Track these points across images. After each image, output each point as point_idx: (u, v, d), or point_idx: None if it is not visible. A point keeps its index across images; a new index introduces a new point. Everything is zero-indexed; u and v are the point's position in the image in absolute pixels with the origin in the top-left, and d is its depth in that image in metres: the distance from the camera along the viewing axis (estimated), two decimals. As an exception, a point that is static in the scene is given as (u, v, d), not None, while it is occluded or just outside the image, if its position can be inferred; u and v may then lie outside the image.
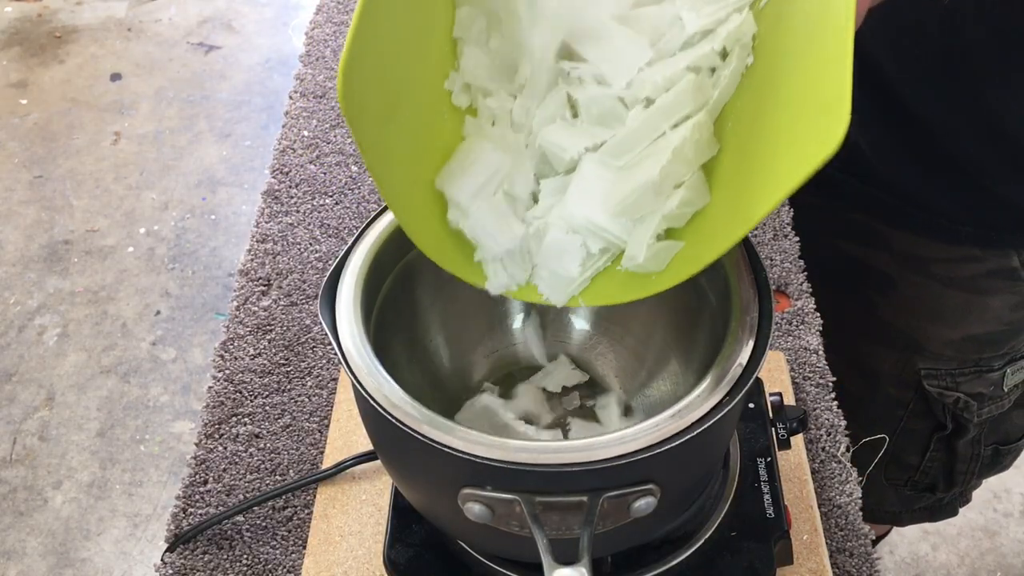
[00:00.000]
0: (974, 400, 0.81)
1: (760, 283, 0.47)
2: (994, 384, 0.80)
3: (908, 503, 0.91)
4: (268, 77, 2.21)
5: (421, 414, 0.42)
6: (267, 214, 0.86)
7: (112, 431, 1.51)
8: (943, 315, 0.78)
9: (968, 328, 0.77)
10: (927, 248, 0.76)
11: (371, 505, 0.63)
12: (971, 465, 0.86)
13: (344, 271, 0.49)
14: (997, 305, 0.75)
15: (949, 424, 0.83)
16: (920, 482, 0.89)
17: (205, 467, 0.67)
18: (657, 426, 0.41)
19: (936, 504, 0.92)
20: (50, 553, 1.35)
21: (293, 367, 0.73)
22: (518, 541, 0.44)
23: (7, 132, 2.07)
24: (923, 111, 0.68)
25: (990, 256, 0.73)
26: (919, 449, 0.86)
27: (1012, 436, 0.88)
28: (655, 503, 0.43)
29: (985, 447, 0.86)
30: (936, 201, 0.72)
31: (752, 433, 0.59)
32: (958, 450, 0.85)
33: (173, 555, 0.63)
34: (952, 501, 0.93)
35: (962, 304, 0.76)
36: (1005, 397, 0.82)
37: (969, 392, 0.80)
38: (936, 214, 0.73)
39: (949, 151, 0.69)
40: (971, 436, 0.83)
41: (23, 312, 1.69)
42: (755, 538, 0.54)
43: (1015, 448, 0.90)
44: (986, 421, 0.83)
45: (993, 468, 0.91)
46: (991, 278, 0.74)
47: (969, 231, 0.72)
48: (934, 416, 0.83)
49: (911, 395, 0.82)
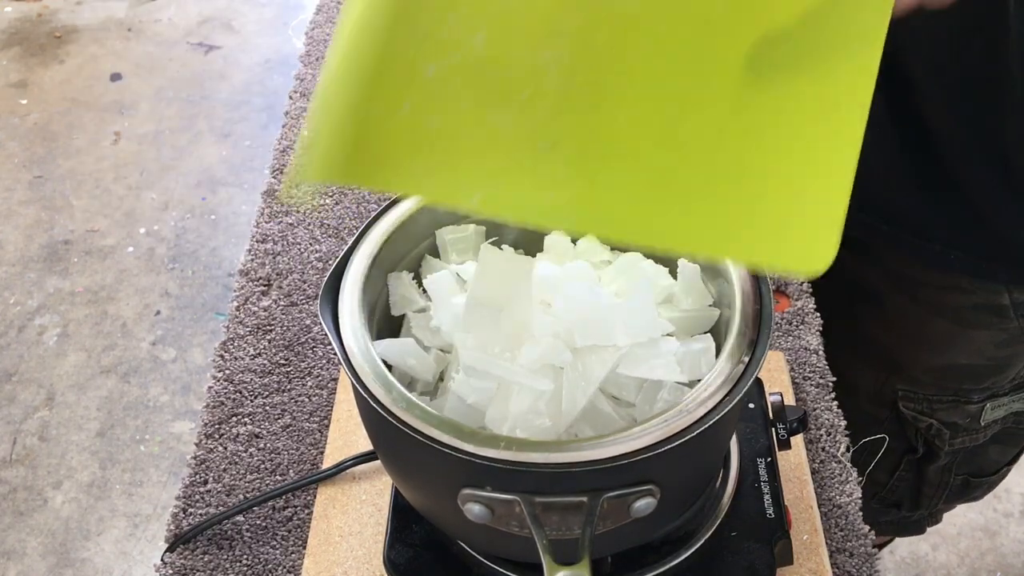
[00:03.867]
0: (947, 429, 0.80)
1: (760, 282, 0.47)
2: (971, 416, 0.79)
3: (874, 515, 0.90)
4: (268, 77, 2.21)
5: (421, 414, 0.42)
6: (267, 214, 0.86)
7: (112, 431, 1.51)
8: (926, 340, 0.77)
9: (951, 357, 0.77)
10: (918, 271, 0.74)
11: (371, 505, 0.63)
12: (939, 491, 0.86)
13: (345, 271, 0.49)
14: (982, 339, 0.74)
15: (920, 448, 0.82)
16: (886, 498, 0.89)
17: (205, 467, 0.67)
18: (657, 426, 0.41)
19: (902, 520, 0.92)
20: (50, 553, 1.35)
21: (293, 367, 0.73)
22: (518, 541, 0.45)
23: (7, 132, 2.07)
24: (941, 130, 0.66)
25: (979, 289, 0.72)
26: (889, 467, 0.86)
27: (986, 470, 0.88)
28: (655, 503, 0.43)
29: (956, 476, 0.85)
30: (932, 225, 0.71)
31: (752, 433, 0.59)
32: (927, 474, 0.84)
33: (173, 555, 0.63)
34: (920, 520, 0.92)
35: (946, 332, 0.75)
36: (981, 431, 0.81)
37: (944, 420, 0.79)
38: (929, 238, 0.71)
39: (956, 176, 0.67)
40: (942, 463, 0.83)
41: (23, 312, 1.69)
42: (755, 538, 0.54)
43: (987, 482, 0.89)
44: (959, 451, 0.82)
45: (962, 497, 0.90)
46: (978, 311, 0.73)
47: (961, 258, 0.70)
48: (906, 438, 0.82)
49: (886, 414, 0.82)
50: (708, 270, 0.51)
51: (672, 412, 0.42)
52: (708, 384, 0.43)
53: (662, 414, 0.42)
